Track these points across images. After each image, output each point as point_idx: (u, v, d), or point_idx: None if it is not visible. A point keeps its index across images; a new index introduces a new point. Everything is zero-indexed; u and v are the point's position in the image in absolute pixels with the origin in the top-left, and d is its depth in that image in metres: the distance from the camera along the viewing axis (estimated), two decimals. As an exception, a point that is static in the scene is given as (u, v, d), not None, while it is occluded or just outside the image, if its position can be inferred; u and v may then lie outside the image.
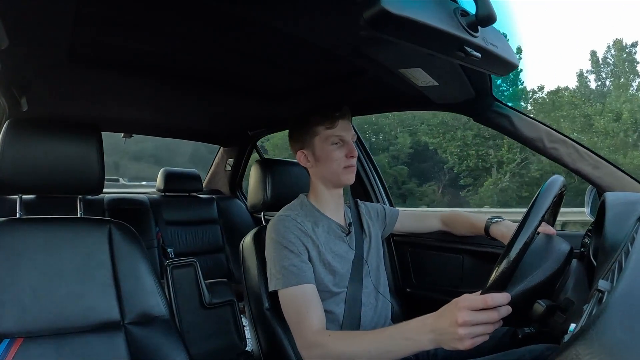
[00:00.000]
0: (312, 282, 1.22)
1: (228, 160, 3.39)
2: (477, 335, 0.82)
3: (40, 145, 1.16)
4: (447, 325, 0.85)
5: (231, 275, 2.97)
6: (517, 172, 19.22)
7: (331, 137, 1.31)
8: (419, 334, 0.92)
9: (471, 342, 0.82)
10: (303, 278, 1.20)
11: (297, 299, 1.18)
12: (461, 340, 0.82)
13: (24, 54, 1.28)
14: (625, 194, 1.17)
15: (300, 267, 1.21)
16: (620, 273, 0.61)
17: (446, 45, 0.92)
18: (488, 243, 1.61)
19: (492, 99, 1.50)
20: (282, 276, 1.20)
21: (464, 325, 0.81)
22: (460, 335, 0.82)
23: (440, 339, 0.87)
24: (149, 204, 2.84)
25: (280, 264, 1.22)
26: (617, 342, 0.45)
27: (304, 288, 1.19)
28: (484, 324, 0.82)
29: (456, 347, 0.84)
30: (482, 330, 0.82)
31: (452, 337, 0.84)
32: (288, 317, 1.20)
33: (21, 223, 1.15)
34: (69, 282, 1.12)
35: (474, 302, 0.82)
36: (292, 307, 1.19)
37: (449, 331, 0.84)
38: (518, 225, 0.85)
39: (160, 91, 1.84)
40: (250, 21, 1.10)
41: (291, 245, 1.24)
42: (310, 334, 1.12)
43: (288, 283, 1.19)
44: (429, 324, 0.90)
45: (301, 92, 1.75)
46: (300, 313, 1.16)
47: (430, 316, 0.92)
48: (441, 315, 0.89)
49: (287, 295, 1.20)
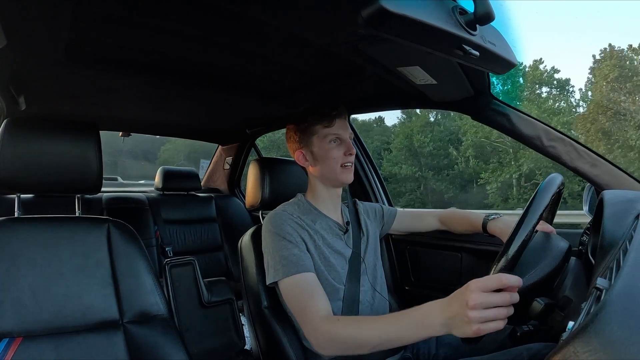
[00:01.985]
0: (313, 271, 1.21)
1: (226, 159, 3.38)
2: (489, 319, 0.78)
3: (38, 144, 1.16)
4: (457, 308, 0.81)
5: (230, 274, 2.98)
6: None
7: (329, 135, 1.32)
8: (430, 317, 0.88)
9: (481, 328, 0.78)
10: (303, 267, 1.19)
11: (299, 286, 1.17)
12: (470, 324, 0.78)
13: (21, 52, 1.28)
14: (623, 192, 1.17)
15: (299, 256, 1.20)
16: (619, 271, 0.61)
17: (444, 44, 0.92)
18: (486, 241, 1.62)
19: (491, 97, 1.50)
20: (281, 266, 1.19)
21: (474, 308, 0.77)
22: (470, 317, 0.78)
23: (451, 323, 0.83)
24: (147, 203, 2.84)
25: (279, 254, 1.21)
26: (615, 339, 0.45)
27: (305, 276, 1.18)
28: (496, 309, 0.78)
29: (466, 333, 0.80)
30: (494, 313, 0.78)
31: (462, 321, 0.80)
32: (292, 306, 1.18)
33: (19, 222, 1.14)
34: (67, 281, 1.12)
35: (487, 282, 0.78)
36: (295, 295, 1.17)
37: (459, 314, 0.80)
38: (516, 223, 0.85)
39: (158, 89, 1.83)
40: (248, 19, 1.10)
41: (289, 236, 1.24)
42: (318, 319, 1.09)
43: (288, 272, 1.18)
44: (440, 308, 0.87)
45: (299, 90, 1.75)
46: (304, 300, 1.14)
47: (441, 300, 0.88)
48: (452, 299, 0.85)
49: (289, 284, 1.18)
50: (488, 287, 0.78)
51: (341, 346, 1.03)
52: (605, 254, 0.83)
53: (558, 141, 1.41)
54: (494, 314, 0.78)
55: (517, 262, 0.87)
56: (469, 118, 1.61)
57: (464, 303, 0.79)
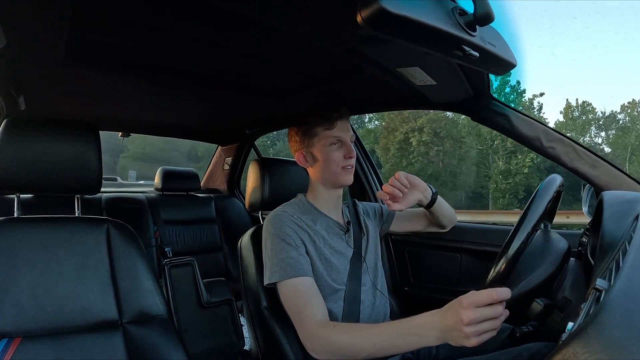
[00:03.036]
0: (311, 275, 1.21)
1: (226, 159, 3.38)
2: (485, 331, 0.81)
3: (37, 144, 1.15)
4: (453, 324, 0.83)
5: (229, 274, 2.98)
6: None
7: (329, 138, 1.32)
8: (425, 330, 0.89)
9: (478, 340, 0.81)
10: (301, 270, 1.19)
11: (296, 290, 1.17)
12: (468, 339, 0.81)
13: (21, 52, 1.27)
14: (622, 192, 1.17)
15: (297, 260, 1.20)
16: (618, 272, 0.61)
17: (444, 44, 0.91)
18: (486, 242, 1.62)
19: (490, 98, 1.50)
20: (279, 268, 1.19)
21: (469, 324, 0.80)
22: (466, 333, 0.80)
23: (447, 336, 0.86)
24: (147, 203, 2.84)
25: (277, 256, 1.21)
26: (615, 340, 0.45)
27: (302, 280, 1.18)
28: (490, 320, 0.81)
29: (463, 345, 0.83)
30: (489, 326, 0.81)
31: (458, 335, 0.82)
32: (288, 309, 1.19)
33: (19, 222, 1.14)
34: (66, 282, 1.12)
35: (479, 298, 0.80)
36: (292, 299, 1.17)
37: (455, 329, 0.83)
38: (516, 224, 0.85)
39: (158, 90, 1.83)
40: (247, 20, 1.10)
41: (288, 238, 1.24)
42: (314, 324, 1.10)
43: (286, 275, 1.18)
44: (435, 321, 0.88)
45: (299, 91, 1.75)
46: (301, 304, 1.15)
47: (436, 313, 0.90)
48: (447, 313, 0.86)
49: (286, 287, 1.18)
50: (480, 302, 0.80)
51: (336, 353, 1.04)
52: (604, 254, 0.83)
53: (557, 142, 1.41)
54: (489, 326, 0.81)
55: (517, 262, 0.87)
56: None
57: (459, 320, 0.81)
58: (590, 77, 43.17)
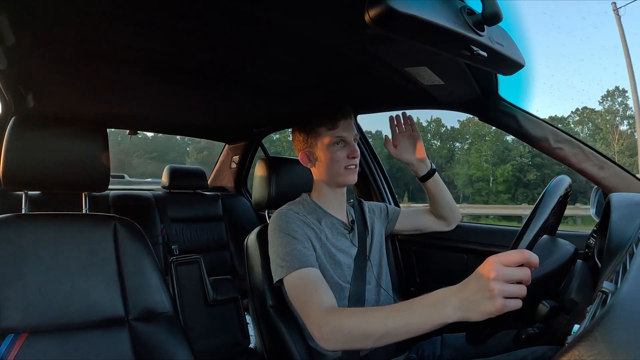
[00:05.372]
0: (316, 267, 1.19)
1: (233, 158, 3.39)
2: (511, 295, 0.73)
3: (45, 142, 1.16)
4: (476, 286, 0.77)
5: (235, 273, 2.98)
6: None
7: (333, 138, 1.32)
8: (443, 300, 0.83)
9: (503, 304, 0.72)
10: (306, 262, 1.17)
11: (303, 280, 1.14)
12: (493, 299, 0.73)
13: (29, 50, 1.28)
14: (630, 194, 1.16)
15: (303, 252, 1.20)
16: (625, 274, 0.60)
17: (452, 44, 0.91)
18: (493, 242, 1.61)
19: (498, 98, 1.49)
20: (285, 262, 1.18)
21: (497, 279, 0.73)
22: (492, 290, 0.73)
23: (467, 305, 0.78)
24: (154, 201, 2.85)
25: (283, 250, 1.20)
26: (621, 343, 0.44)
27: (308, 271, 1.16)
28: (519, 285, 0.74)
29: (486, 310, 0.74)
30: (516, 289, 0.73)
31: (482, 297, 0.75)
32: (295, 301, 1.15)
33: (26, 219, 1.15)
34: (73, 278, 1.13)
35: (510, 256, 0.74)
36: (298, 289, 1.14)
37: (480, 289, 0.75)
38: (524, 224, 0.85)
39: (165, 88, 1.84)
40: (256, 19, 1.10)
41: (294, 233, 1.24)
42: (322, 311, 1.04)
43: (292, 267, 1.16)
44: (454, 290, 0.82)
45: (306, 90, 1.75)
46: (308, 293, 1.11)
47: (455, 286, 0.83)
48: (469, 280, 0.80)
49: (292, 279, 1.16)
50: (511, 261, 0.74)
51: (345, 337, 0.97)
52: (611, 257, 0.83)
53: (566, 143, 1.40)
54: (516, 290, 0.74)
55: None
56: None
57: (486, 277, 0.75)
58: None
